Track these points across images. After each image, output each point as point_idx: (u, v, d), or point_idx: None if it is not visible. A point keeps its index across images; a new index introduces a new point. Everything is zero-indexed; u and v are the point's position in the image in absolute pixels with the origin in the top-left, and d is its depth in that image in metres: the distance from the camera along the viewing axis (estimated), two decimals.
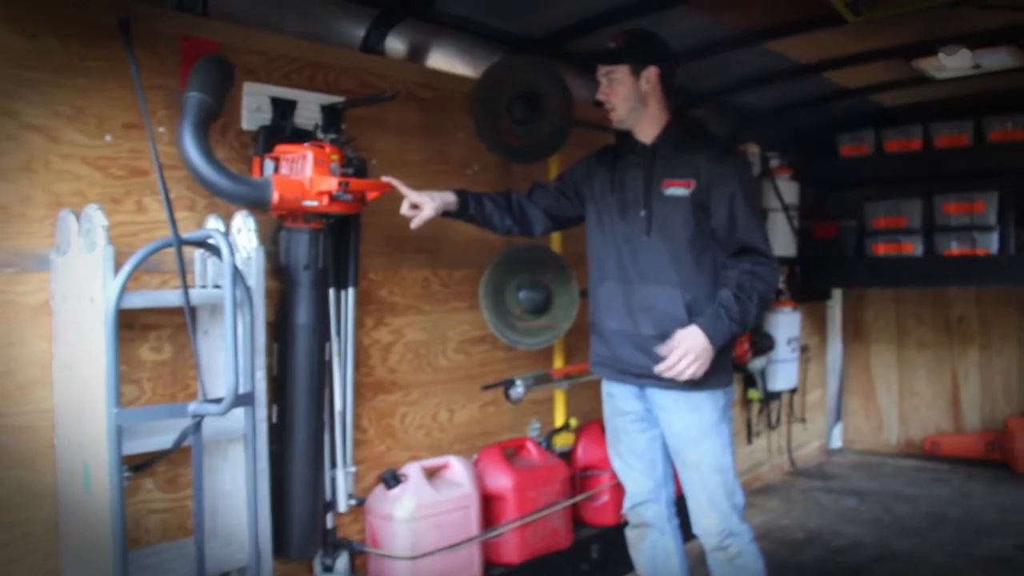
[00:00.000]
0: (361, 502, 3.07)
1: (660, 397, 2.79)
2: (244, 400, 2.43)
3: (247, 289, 2.44)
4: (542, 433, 3.82)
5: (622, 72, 2.72)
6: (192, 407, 2.29)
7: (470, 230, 3.38)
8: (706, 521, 2.77)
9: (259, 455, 2.51)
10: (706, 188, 2.68)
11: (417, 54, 3.43)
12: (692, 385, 2.70)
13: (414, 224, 2.75)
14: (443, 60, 3.53)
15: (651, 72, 2.72)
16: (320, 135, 2.88)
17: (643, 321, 2.75)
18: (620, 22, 3.25)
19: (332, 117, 2.95)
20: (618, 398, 2.92)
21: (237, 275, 2.41)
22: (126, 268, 2.18)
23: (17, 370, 2.32)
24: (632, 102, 2.74)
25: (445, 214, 2.83)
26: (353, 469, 3.03)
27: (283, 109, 2.86)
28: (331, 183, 2.59)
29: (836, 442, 6.48)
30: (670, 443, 2.84)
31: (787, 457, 5.87)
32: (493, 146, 3.35)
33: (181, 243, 2.28)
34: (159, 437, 2.34)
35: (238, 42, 2.77)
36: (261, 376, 2.54)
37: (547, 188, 3.01)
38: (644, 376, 2.78)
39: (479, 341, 3.57)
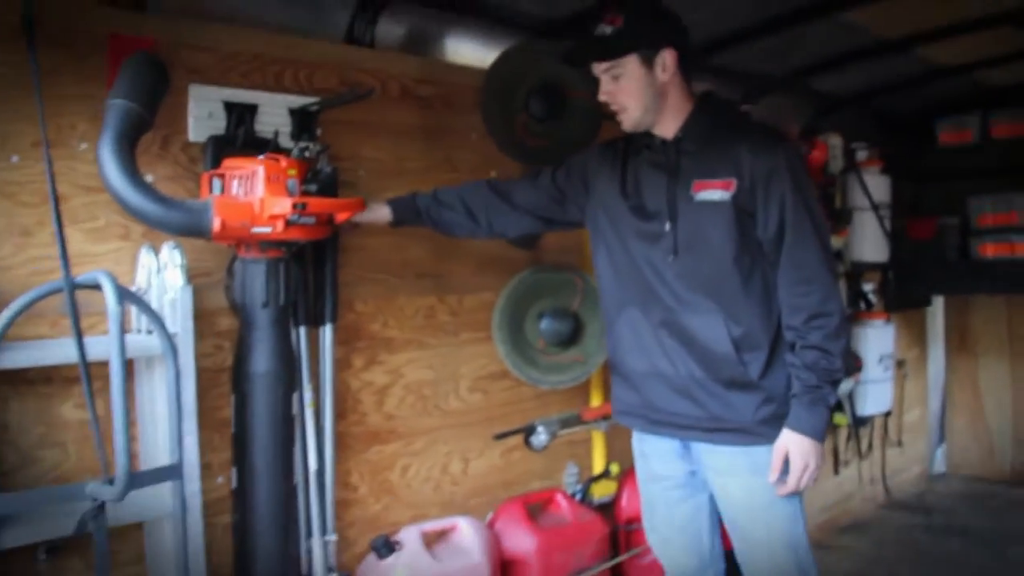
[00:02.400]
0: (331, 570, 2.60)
1: (711, 457, 2.23)
2: (166, 474, 2.00)
3: (169, 338, 2.00)
4: (580, 479, 3.29)
5: (630, 64, 2.11)
6: (89, 488, 1.86)
7: (482, 248, 2.92)
8: None
9: (191, 538, 2.07)
10: (750, 188, 2.09)
11: (417, 44, 2.93)
12: (754, 439, 2.16)
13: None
14: (451, 51, 3.03)
15: (667, 56, 2.12)
16: (290, 144, 2.44)
17: (681, 359, 2.19)
18: None
19: (304, 122, 2.50)
20: (653, 459, 2.37)
21: (159, 323, 2.00)
22: None
23: None
24: (648, 99, 2.14)
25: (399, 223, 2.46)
26: (333, 538, 2.56)
27: (241, 115, 2.41)
28: (284, 205, 2.11)
29: (939, 467, 5.75)
30: (726, 514, 2.28)
31: (881, 487, 5.18)
32: (507, 148, 2.83)
33: (74, 287, 1.84)
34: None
35: (182, 38, 2.34)
36: (192, 442, 2.09)
37: (539, 186, 2.47)
38: (689, 427, 2.23)
39: (500, 377, 3.06)
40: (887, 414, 4.92)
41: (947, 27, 3.44)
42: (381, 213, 2.41)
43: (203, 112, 2.36)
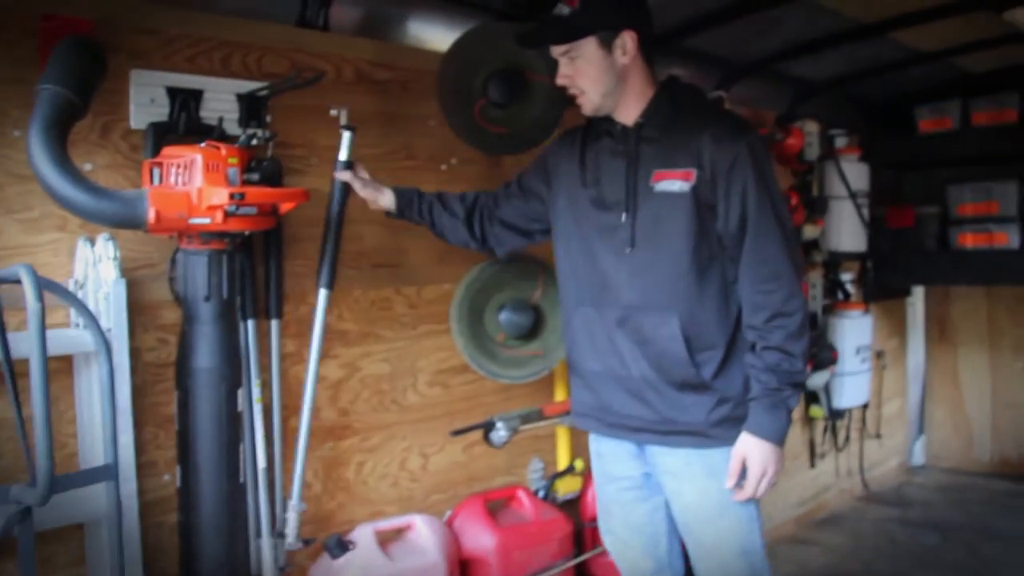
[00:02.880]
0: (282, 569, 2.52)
1: (665, 459, 2.16)
2: (98, 475, 1.93)
3: (102, 334, 1.92)
4: (545, 475, 3.22)
5: (588, 47, 2.03)
6: (13, 491, 1.78)
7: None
8: None
9: (127, 540, 2.01)
10: (711, 179, 2.01)
11: (377, 27, 2.84)
12: (708, 441, 2.08)
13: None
14: (414, 34, 2.94)
15: (627, 38, 2.04)
16: (238, 131, 2.35)
17: (633, 359, 2.12)
18: None
19: (252, 108, 2.41)
20: (609, 460, 2.30)
21: (91, 319, 1.91)
22: None
23: None
24: (608, 83, 2.06)
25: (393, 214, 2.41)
26: (282, 536, 2.48)
27: (184, 101, 2.32)
28: (222, 195, 2.03)
29: (918, 458, 5.70)
30: (679, 518, 2.21)
31: (859, 479, 5.12)
32: (466, 136, 2.74)
33: None
34: None
35: (123, 19, 2.24)
36: (127, 441, 2.03)
37: (510, 194, 2.42)
38: (642, 430, 2.16)
39: (461, 371, 2.98)
40: (864, 406, 4.87)
41: (921, 12, 3.36)
42: (384, 198, 2.36)
43: (145, 98, 2.27)
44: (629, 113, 2.12)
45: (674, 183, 2.05)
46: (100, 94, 2.16)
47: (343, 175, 2.32)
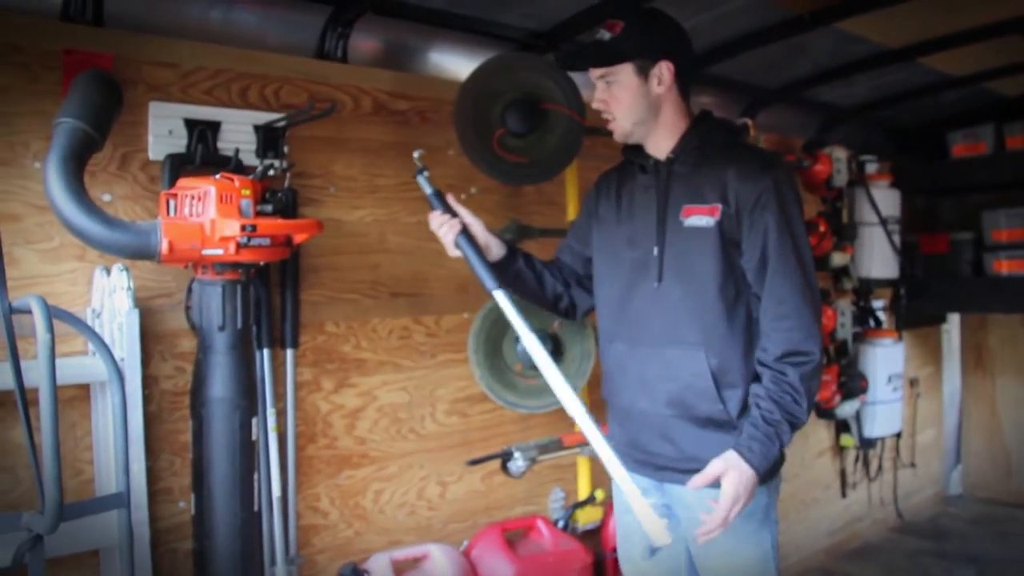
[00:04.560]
0: None
1: (682, 493, 2.12)
2: (109, 503, 1.94)
3: (114, 363, 1.93)
4: (566, 504, 3.19)
5: (624, 73, 2.02)
6: (25, 518, 1.80)
7: (461, 267, 2.82)
8: None
9: (139, 569, 2.01)
10: (735, 215, 1.99)
11: (397, 58, 2.87)
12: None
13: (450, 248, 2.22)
14: (435, 63, 2.96)
15: (663, 68, 2.03)
16: (255, 161, 2.38)
17: (662, 395, 2.09)
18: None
19: (269, 139, 2.44)
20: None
21: (104, 348, 1.93)
22: None
23: None
24: (640, 111, 2.05)
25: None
26: (297, 565, 2.48)
27: (202, 132, 2.36)
28: (234, 227, 2.05)
29: (955, 488, 5.57)
30: (694, 552, 2.17)
31: (893, 509, 5.01)
32: (483, 166, 2.74)
33: (11, 311, 1.79)
34: None
35: (141, 53, 2.28)
36: (139, 469, 2.04)
37: (563, 248, 2.39)
38: (665, 468, 2.12)
39: (480, 400, 2.96)
40: (897, 435, 4.77)
41: (950, 36, 3.32)
42: (496, 246, 2.26)
43: (163, 130, 2.31)
44: (661, 147, 2.10)
45: (702, 218, 2.03)
46: (119, 126, 2.20)
47: (457, 224, 2.20)
